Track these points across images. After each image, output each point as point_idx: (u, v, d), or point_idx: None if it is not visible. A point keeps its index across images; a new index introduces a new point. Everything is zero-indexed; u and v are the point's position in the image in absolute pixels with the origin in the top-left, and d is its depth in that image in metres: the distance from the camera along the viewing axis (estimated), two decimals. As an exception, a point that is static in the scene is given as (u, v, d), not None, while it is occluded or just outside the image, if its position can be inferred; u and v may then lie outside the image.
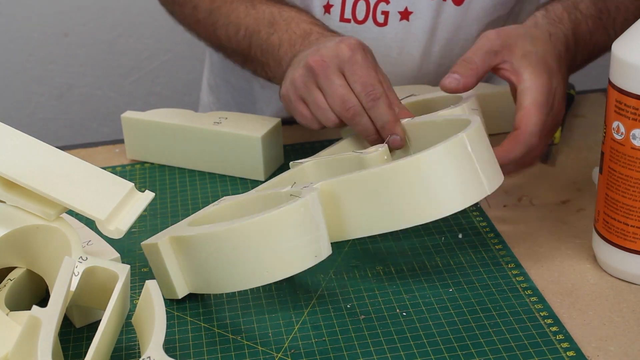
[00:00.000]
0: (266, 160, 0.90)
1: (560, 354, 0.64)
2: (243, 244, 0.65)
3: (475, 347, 0.66)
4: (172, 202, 0.88)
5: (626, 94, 0.67)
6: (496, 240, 0.79)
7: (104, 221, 0.65)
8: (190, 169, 0.93)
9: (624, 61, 0.66)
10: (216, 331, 0.69)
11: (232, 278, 0.66)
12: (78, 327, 0.70)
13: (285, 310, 0.71)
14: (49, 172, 0.65)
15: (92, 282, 0.65)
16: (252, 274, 0.65)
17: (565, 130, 0.98)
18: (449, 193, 0.67)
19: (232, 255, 0.65)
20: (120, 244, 0.80)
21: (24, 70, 1.85)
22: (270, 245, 0.64)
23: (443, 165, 0.66)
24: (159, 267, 0.71)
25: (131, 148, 0.95)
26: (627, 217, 0.70)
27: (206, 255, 0.67)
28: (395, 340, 0.67)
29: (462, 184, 0.67)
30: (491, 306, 0.70)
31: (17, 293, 0.67)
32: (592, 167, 0.90)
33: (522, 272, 0.74)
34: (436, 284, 0.73)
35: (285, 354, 0.66)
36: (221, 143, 0.90)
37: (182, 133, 0.92)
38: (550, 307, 0.70)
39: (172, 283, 0.70)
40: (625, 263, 0.72)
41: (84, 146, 1.00)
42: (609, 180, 0.71)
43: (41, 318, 0.57)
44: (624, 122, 0.68)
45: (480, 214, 0.83)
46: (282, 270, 0.65)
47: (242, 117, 0.93)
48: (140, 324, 0.64)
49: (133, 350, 0.67)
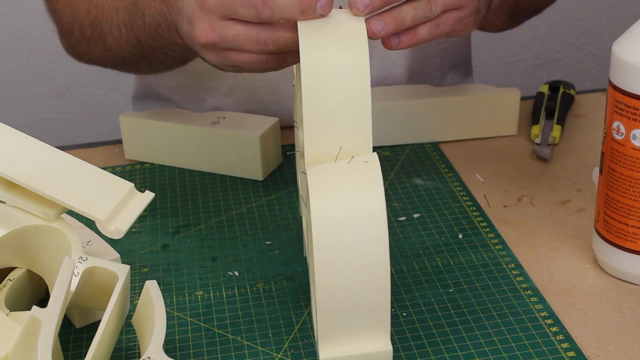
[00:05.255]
0: (264, 160, 0.90)
1: (560, 354, 0.64)
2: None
3: (475, 347, 0.66)
4: (172, 202, 0.88)
5: (626, 94, 0.67)
6: (496, 240, 0.79)
7: (104, 221, 0.65)
8: (189, 168, 0.93)
9: (624, 61, 0.66)
10: (216, 331, 0.69)
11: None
12: (78, 327, 0.70)
13: (285, 310, 0.71)
14: (49, 172, 0.65)
15: (92, 282, 0.65)
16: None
17: (565, 130, 0.98)
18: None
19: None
20: (120, 244, 0.80)
21: (24, 70, 1.85)
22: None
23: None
24: None
25: (129, 148, 0.95)
26: (627, 217, 0.70)
27: None
28: (395, 340, 0.67)
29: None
30: (491, 306, 0.70)
31: (17, 293, 0.67)
32: (592, 167, 0.90)
33: (522, 272, 0.74)
34: (436, 284, 0.73)
35: (285, 354, 0.66)
36: (220, 142, 0.90)
37: (180, 133, 0.92)
38: (550, 307, 0.70)
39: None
40: (625, 263, 0.72)
41: (84, 146, 1.00)
42: (609, 180, 0.71)
43: (41, 318, 0.57)
44: (624, 122, 0.68)
45: (480, 214, 0.83)
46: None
47: (240, 117, 0.93)
48: (140, 324, 0.64)
49: (133, 350, 0.67)
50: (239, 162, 0.90)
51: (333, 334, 0.61)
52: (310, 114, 0.62)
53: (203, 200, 0.88)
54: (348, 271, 0.59)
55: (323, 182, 0.60)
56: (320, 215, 0.59)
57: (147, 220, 0.85)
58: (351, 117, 0.62)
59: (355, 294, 0.60)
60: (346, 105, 0.62)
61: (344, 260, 0.59)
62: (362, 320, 0.61)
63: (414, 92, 0.96)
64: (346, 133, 0.62)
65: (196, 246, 0.80)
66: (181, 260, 0.78)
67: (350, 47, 0.63)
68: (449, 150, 0.95)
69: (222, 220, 0.84)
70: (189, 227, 0.83)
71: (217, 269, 0.77)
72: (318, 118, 0.62)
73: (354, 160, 0.62)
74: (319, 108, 0.62)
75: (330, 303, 0.60)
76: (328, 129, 0.62)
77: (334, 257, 0.59)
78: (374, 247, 0.59)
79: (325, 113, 0.62)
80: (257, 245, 0.80)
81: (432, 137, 0.96)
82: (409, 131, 0.95)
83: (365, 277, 0.59)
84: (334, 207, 0.59)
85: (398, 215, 0.83)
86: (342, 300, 0.60)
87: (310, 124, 0.62)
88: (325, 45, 0.63)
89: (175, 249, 0.80)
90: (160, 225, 0.84)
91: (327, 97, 0.62)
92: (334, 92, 0.62)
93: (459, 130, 0.96)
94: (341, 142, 0.62)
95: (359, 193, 0.59)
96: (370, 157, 0.62)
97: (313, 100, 0.62)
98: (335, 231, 0.59)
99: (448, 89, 0.96)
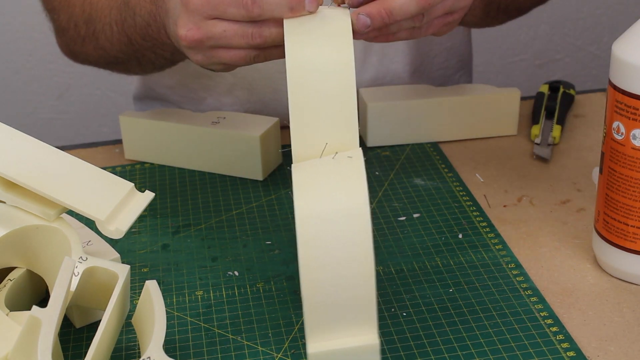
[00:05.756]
0: (264, 160, 0.90)
1: (560, 354, 0.64)
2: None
3: (475, 347, 0.66)
4: (172, 202, 0.88)
5: (626, 94, 0.67)
6: (496, 240, 0.79)
7: (104, 221, 0.65)
8: (189, 168, 0.93)
9: (624, 61, 0.66)
10: (216, 331, 0.69)
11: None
12: (78, 327, 0.70)
13: (285, 310, 0.71)
14: (49, 172, 0.65)
15: (92, 282, 0.65)
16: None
17: (565, 130, 0.98)
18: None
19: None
20: (120, 244, 0.80)
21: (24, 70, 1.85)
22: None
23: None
24: None
25: (130, 148, 0.95)
26: (627, 217, 0.70)
27: None
28: (395, 340, 0.67)
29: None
30: (491, 306, 0.70)
31: (17, 293, 0.67)
32: (592, 167, 0.90)
33: (522, 272, 0.74)
34: (436, 284, 0.73)
35: (285, 354, 0.66)
36: (220, 143, 0.90)
37: (180, 133, 0.92)
38: (550, 307, 0.70)
39: None
40: (625, 263, 0.72)
41: (84, 146, 1.00)
42: (609, 180, 0.71)
43: (41, 318, 0.57)
44: (624, 122, 0.68)
45: (480, 214, 0.83)
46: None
47: (240, 117, 0.93)
48: (140, 324, 0.64)
49: (133, 350, 0.67)
50: (239, 162, 0.90)
51: (320, 329, 0.61)
52: (296, 110, 0.62)
53: (203, 200, 0.88)
54: (333, 266, 0.59)
55: (307, 178, 0.61)
56: (304, 210, 0.59)
57: (147, 220, 0.85)
58: (337, 112, 0.63)
59: (341, 288, 0.60)
60: (332, 101, 0.62)
61: (328, 255, 0.59)
62: (349, 314, 0.61)
63: (414, 92, 0.96)
64: (333, 128, 0.63)
65: (196, 246, 0.80)
66: (181, 260, 0.78)
67: (335, 42, 0.63)
68: (449, 150, 0.95)
69: (222, 220, 0.84)
70: (189, 227, 0.83)
71: (217, 269, 0.77)
72: (304, 114, 0.63)
73: (338, 155, 0.62)
74: (305, 104, 0.63)
75: (316, 297, 0.60)
76: (314, 125, 0.63)
77: (318, 252, 0.59)
78: (358, 242, 0.59)
79: (312, 109, 0.63)
80: (257, 245, 0.80)
81: (432, 137, 0.96)
82: (409, 131, 0.95)
83: (350, 271, 0.59)
84: (318, 202, 0.59)
85: (398, 215, 0.83)
86: (328, 294, 0.60)
87: (296, 120, 0.63)
88: (310, 41, 0.64)
89: (175, 249, 0.80)
90: (160, 225, 0.84)
91: (312, 93, 0.62)
92: (320, 87, 0.62)
93: (459, 130, 0.96)
94: (328, 137, 0.63)
95: (342, 188, 0.60)
96: (354, 152, 0.62)
97: (299, 97, 0.62)
98: (319, 226, 0.59)
99: (448, 89, 0.96)
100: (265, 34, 0.70)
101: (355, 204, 0.59)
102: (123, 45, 0.90)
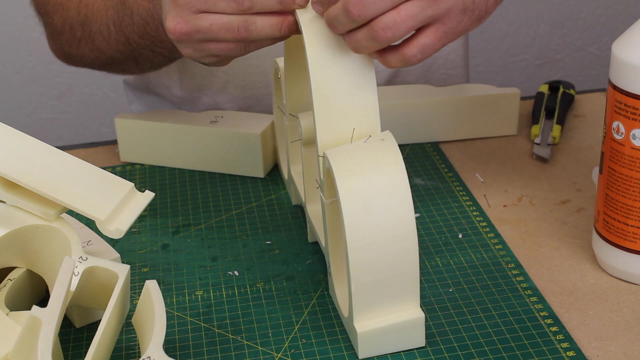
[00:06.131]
0: (265, 157, 0.90)
1: (560, 354, 0.64)
2: None
3: (476, 347, 0.66)
4: (172, 202, 0.88)
5: (626, 94, 0.67)
6: (496, 240, 0.79)
7: (104, 221, 0.65)
8: (188, 169, 0.93)
9: (624, 61, 0.66)
10: (216, 331, 0.69)
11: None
12: (78, 327, 0.70)
13: (285, 310, 0.71)
14: (49, 172, 0.65)
15: (92, 282, 0.65)
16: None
17: (565, 130, 0.98)
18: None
19: None
20: (120, 244, 0.80)
21: (24, 70, 1.85)
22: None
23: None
24: None
25: (126, 151, 0.95)
26: (627, 217, 0.70)
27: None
28: (395, 340, 0.67)
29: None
30: (491, 306, 0.70)
31: (17, 293, 0.67)
32: (592, 167, 0.90)
33: (522, 272, 0.74)
34: (436, 284, 0.73)
35: (285, 354, 0.66)
36: (220, 141, 0.90)
37: (179, 133, 0.91)
38: (550, 307, 0.70)
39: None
40: (625, 263, 0.72)
41: (84, 146, 1.00)
42: (609, 180, 0.71)
43: (41, 318, 0.57)
44: (624, 122, 0.68)
45: (480, 213, 0.83)
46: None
47: (238, 115, 0.93)
48: (140, 324, 0.64)
49: (133, 350, 0.67)
50: (240, 160, 0.90)
51: (367, 308, 0.64)
52: (320, 99, 0.65)
53: (203, 200, 0.88)
54: (380, 244, 0.62)
55: (345, 162, 0.63)
56: (347, 194, 0.61)
57: (147, 220, 0.85)
58: (359, 99, 0.65)
59: (387, 266, 0.62)
60: (353, 89, 0.65)
61: (374, 234, 0.61)
62: (393, 291, 0.63)
63: (414, 92, 0.96)
64: (356, 115, 0.66)
65: (196, 246, 0.80)
66: (181, 260, 0.78)
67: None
68: (449, 150, 0.95)
69: (222, 220, 0.84)
70: (189, 227, 0.83)
71: (217, 269, 0.77)
72: (328, 103, 0.65)
73: (370, 139, 0.64)
74: (328, 94, 0.65)
75: (363, 278, 0.62)
76: (338, 113, 0.65)
77: (364, 232, 0.61)
78: (401, 217, 0.61)
79: (334, 98, 0.65)
80: (257, 245, 0.80)
81: (432, 137, 0.96)
82: (409, 131, 0.95)
83: (395, 247, 0.62)
84: (360, 184, 0.61)
85: (398, 215, 0.83)
86: (374, 273, 0.62)
87: (320, 109, 0.65)
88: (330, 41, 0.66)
89: (175, 249, 0.80)
90: (160, 225, 0.84)
91: (335, 83, 0.65)
92: (341, 77, 0.65)
93: (459, 130, 0.96)
94: (351, 124, 0.66)
95: (381, 169, 0.62)
96: (385, 134, 0.65)
97: (322, 85, 0.65)
98: (364, 208, 0.61)
99: (448, 89, 0.96)
100: (251, 28, 0.70)
101: (397, 181, 0.61)
102: (120, 45, 0.89)
